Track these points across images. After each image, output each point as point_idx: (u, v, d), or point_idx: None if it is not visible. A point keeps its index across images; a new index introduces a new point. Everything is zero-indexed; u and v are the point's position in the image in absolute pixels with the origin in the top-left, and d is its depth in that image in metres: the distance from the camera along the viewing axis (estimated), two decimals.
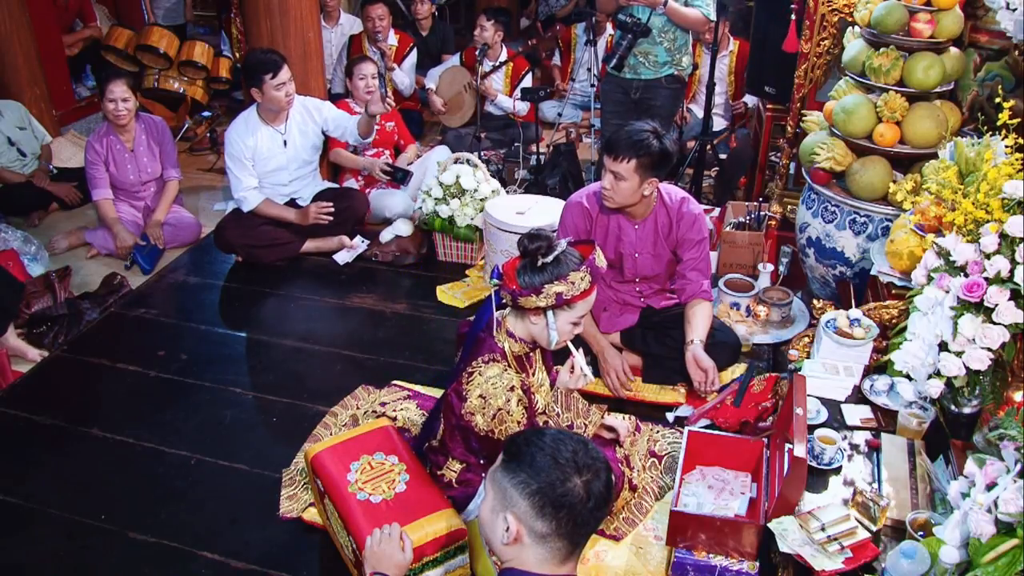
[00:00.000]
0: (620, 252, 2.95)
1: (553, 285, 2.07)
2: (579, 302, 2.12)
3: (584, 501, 1.42)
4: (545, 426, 2.16)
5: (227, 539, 2.42)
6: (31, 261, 3.79)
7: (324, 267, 3.99)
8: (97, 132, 4.10)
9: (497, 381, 2.13)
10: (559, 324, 2.14)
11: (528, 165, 4.85)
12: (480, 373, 2.14)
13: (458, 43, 6.26)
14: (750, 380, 2.88)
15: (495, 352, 2.18)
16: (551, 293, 2.08)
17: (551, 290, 2.07)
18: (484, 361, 2.15)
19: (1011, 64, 2.83)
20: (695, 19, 3.81)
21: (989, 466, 1.70)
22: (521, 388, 2.17)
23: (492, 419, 2.13)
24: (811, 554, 1.89)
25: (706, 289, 2.92)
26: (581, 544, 1.47)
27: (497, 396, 2.12)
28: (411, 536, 1.95)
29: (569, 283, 2.08)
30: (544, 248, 2.09)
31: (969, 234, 2.10)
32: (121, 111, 3.96)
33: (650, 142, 2.65)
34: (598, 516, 1.45)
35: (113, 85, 3.93)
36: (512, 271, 2.13)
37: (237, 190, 3.90)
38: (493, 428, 2.15)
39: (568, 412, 2.42)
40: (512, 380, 2.14)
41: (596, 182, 3.05)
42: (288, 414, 2.94)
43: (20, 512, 2.52)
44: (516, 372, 2.19)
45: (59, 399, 3.03)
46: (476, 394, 2.13)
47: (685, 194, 2.94)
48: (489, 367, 2.14)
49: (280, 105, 3.76)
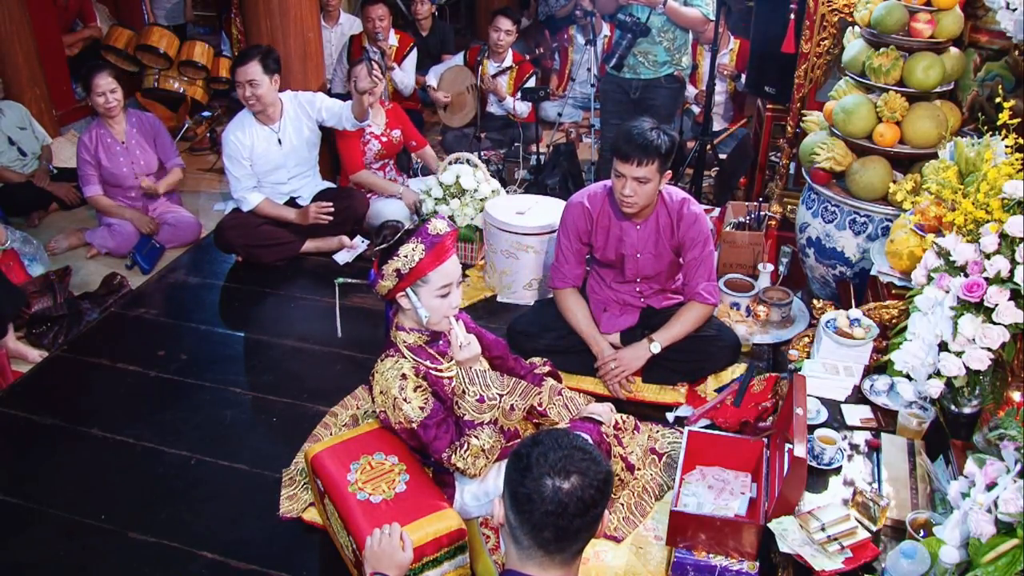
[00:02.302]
0: (622, 253, 2.95)
1: (389, 264, 2.15)
2: (430, 273, 2.17)
3: (542, 502, 1.38)
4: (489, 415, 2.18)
5: (227, 539, 2.42)
6: (31, 261, 3.79)
7: (324, 267, 3.99)
8: (87, 129, 4.12)
9: (388, 372, 2.19)
10: (424, 300, 2.19)
11: (528, 165, 4.85)
12: (378, 371, 2.22)
13: (458, 43, 6.26)
14: (750, 380, 2.88)
15: (389, 349, 2.25)
16: (390, 272, 2.16)
17: (388, 269, 2.16)
18: (381, 359, 2.24)
19: (1011, 64, 2.83)
20: (694, 19, 3.81)
21: (989, 466, 1.70)
22: (422, 375, 2.21)
23: (393, 409, 2.19)
24: (811, 554, 1.89)
25: (702, 291, 2.90)
26: (552, 552, 1.42)
27: (391, 386, 2.18)
28: (411, 536, 1.95)
29: (402, 257, 2.14)
30: (388, 234, 2.17)
31: (969, 234, 2.10)
32: (111, 102, 3.97)
33: (662, 138, 2.69)
34: (559, 524, 1.39)
35: (98, 79, 3.94)
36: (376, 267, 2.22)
37: (236, 191, 3.90)
38: (397, 419, 2.19)
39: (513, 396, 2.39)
40: (403, 368, 2.19)
41: (597, 183, 3.05)
42: (288, 414, 2.94)
43: (20, 512, 2.52)
44: (416, 361, 2.22)
45: (59, 399, 3.03)
46: (378, 391, 2.22)
47: (686, 195, 2.94)
48: (384, 363, 2.22)
49: (251, 107, 3.75)
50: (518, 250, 3.51)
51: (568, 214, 2.99)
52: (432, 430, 2.17)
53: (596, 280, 3.13)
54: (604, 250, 2.99)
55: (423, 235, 2.17)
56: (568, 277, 3.05)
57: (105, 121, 4.06)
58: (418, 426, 2.17)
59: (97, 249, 4.06)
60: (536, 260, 3.51)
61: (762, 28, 4.04)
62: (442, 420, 2.20)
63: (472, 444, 2.15)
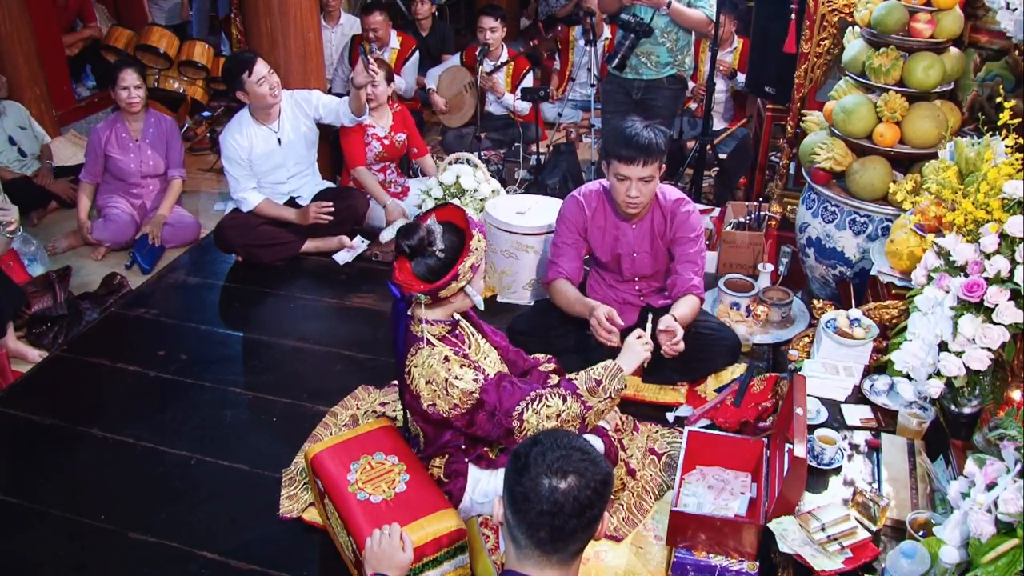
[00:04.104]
0: (618, 252, 2.95)
1: (464, 262, 2.10)
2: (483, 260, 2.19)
3: (538, 502, 1.38)
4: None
5: (227, 539, 2.42)
6: (31, 261, 3.79)
7: (324, 267, 3.99)
8: (106, 120, 4.17)
9: (429, 360, 2.16)
10: (476, 286, 2.19)
11: (528, 165, 4.85)
12: (415, 365, 2.18)
13: (458, 43, 6.26)
14: (750, 380, 2.88)
15: (417, 343, 2.21)
16: (466, 270, 2.12)
17: (465, 267, 2.11)
18: (412, 355, 2.20)
19: (1011, 64, 2.83)
20: (698, 20, 3.81)
21: (989, 466, 1.70)
22: (457, 354, 2.20)
23: (446, 393, 2.14)
24: (811, 554, 1.89)
25: (695, 284, 2.86)
26: (549, 552, 1.41)
27: (437, 372, 2.14)
28: (411, 536, 1.95)
29: (474, 251, 2.12)
30: (427, 237, 2.11)
31: (969, 234, 2.10)
32: (134, 98, 4.02)
33: (658, 135, 2.70)
34: (555, 524, 1.39)
35: (125, 73, 3.99)
36: (409, 276, 2.14)
37: (236, 191, 3.90)
38: (454, 402, 2.15)
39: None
40: (442, 351, 2.17)
41: (593, 181, 3.05)
42: (288, 414, 2.94)
43: (20, 512, 2.52)
44: (444, 346, 2.20)
45: (59, 399, 3.03)
46: (423, 384, 2.17)
47: (681, 194, 2.95)
48: (418, 356, 2.18)
49: (267, 101, 3.76)
50: (518, 250, 3.51)
51: (566, 210, 3.00)
52: (493, 393, 2.15)
53: (596, 280, 3.13)
54: (600, 250, 2.99)
55: (477, 225, 2.15)
56: (563, 270, 2.97)
57: (124, 116, 4.10)
58: (480, 393, 2.14)
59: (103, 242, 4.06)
60: (536, 260, 3.51)
61: (762, 28, 4.04)
62: (500, 379, 2.18)
63: (553, 403, 2.13)
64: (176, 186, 4.25)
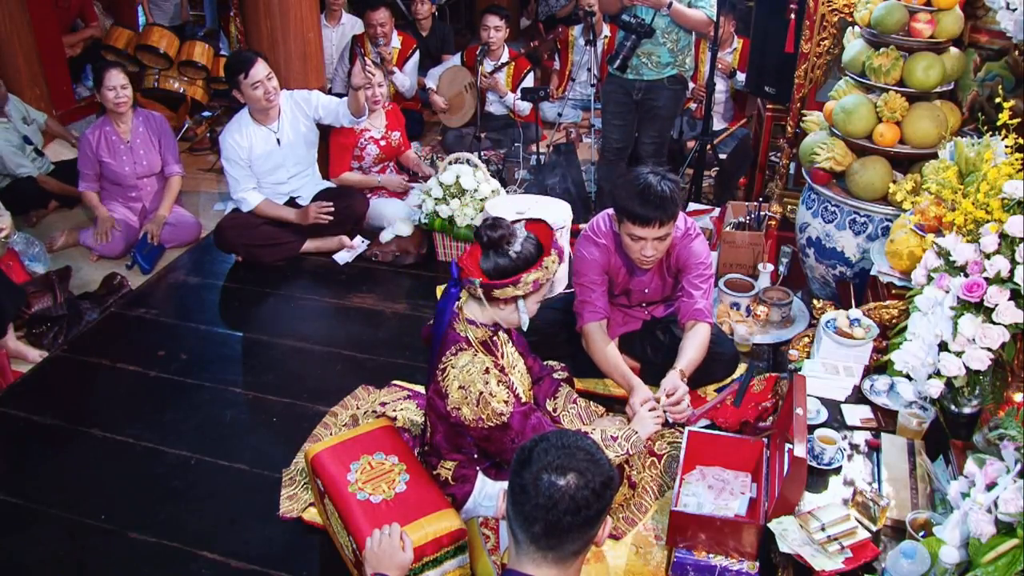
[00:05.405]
0: (629, 288, 2.94)
1: (530, 273, 2.08)
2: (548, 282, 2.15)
3: (536, 495, 1.40)
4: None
5: (227, 539, 2.42)
6: (31, 261, 3.79)
7: (324, 267, 3.99)
8: (93, 125, 4.12)
9: (470, 367, 2.13)
10: (529, 306, 2.16)
11: (528, 165, 4.85)
12: (452, 366, 2.15)
13: (458, 43, 6.26)
14: (750, 380, 2.88)
15: (460, 342, 2.18)
16: (528, 282, 2.09)
17: (528, 279, 2.09)
18: (452, 353, 2.16)
19: (1011, 64, 2.83)
20: (699, 20, 3.80)
21: (989, 466, 1.70)
22: (496, 368, 2.17)
23: (476, 405, 2.13)
24: (811, 554, 1.89)
25: (700, 308, 2.77)
26: (544, 549, 1.42)
27: (475, 382, 2.12)
28: (411, 536, 1.95)
29: (543, 268, 2.10)
30: (508, 236, 2.10)
31: (969, 234, 2.10)
32: (121, 98, 3.98)
33: (671, 187, 2.53)
34: (549, 519, 1.39)
35: (110, 74, 3.96)
36: (474, 264, 2.12)
37: (236, 191, 3.90)
38: (480, 415, 2.14)
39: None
40: (485, 363, 2.15)
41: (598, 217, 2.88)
42: (288, 414, 2.94)
43: (20, 512, 2.52)
44: (485, 355, 2.18)
45: (59, 399, 3.03)
46: (455, 387, 2.14)
47: (685, 224, 2.83)
48: (459, 357, 2.15)
49: (260, 104, 3.76)
50: None
51: (584, 250, 2.84)
52: (519, 422, 2.14)
53: None
54: (613, 283, 2.95)
55: (558, 248, 2.14)
56: (599, 309, 2.81)
57: (112, 118, 4.07)
58: (509, 417, 2.13)
59: (93, 249, 4.05)
60: None
61: (762, 28, 4.04)
62: (529, 412, 2.17)
63: None
64: (175, 184, 4.22)
